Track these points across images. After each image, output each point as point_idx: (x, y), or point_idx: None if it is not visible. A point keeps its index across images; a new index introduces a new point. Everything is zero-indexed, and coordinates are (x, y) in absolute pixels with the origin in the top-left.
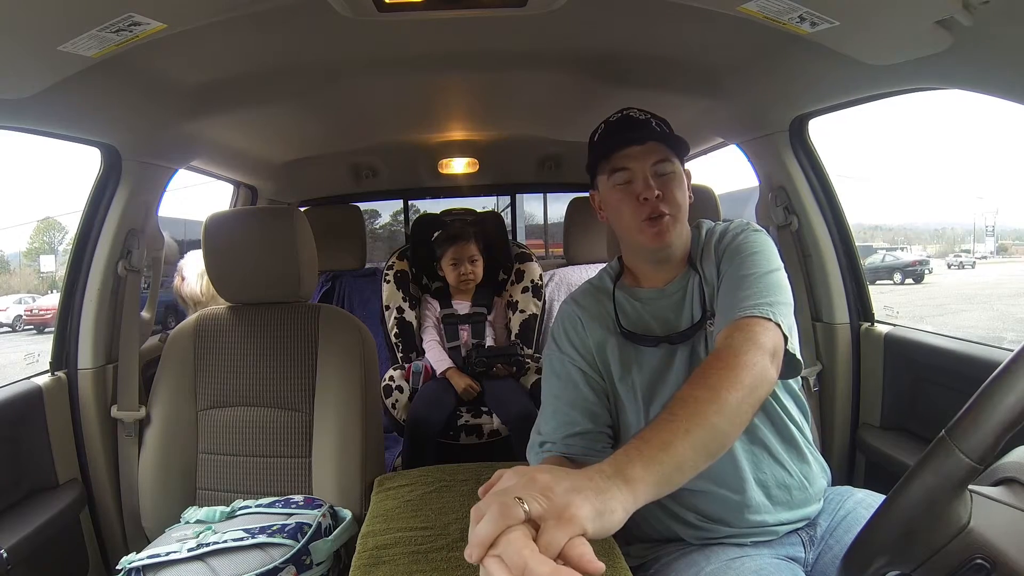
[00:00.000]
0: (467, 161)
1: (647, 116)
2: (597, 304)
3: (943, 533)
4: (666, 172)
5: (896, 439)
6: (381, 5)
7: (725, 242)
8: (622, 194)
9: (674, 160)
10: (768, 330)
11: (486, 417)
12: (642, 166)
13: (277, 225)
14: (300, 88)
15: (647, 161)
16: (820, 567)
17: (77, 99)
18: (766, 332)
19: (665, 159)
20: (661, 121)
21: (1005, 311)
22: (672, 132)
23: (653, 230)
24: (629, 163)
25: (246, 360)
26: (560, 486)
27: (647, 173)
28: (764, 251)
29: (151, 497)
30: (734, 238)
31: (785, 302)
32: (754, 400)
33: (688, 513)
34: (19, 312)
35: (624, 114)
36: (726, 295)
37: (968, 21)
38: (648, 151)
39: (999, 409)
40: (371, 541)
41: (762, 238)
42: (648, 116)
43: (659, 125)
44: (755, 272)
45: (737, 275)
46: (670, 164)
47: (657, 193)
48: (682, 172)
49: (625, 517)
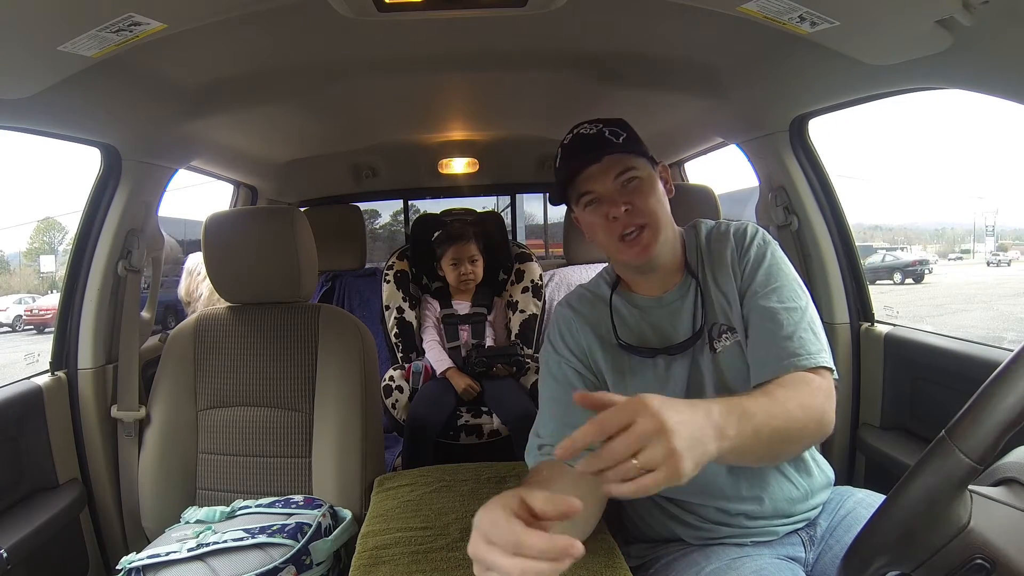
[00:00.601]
0: (467, 161)
1: (598, 128)
2: (593, 311)
3: (943, 533)
4: (631, 181)
5: (896, 439)
6: (381, 5)
7: (752, 258)
8: (593, 216)
9: (637, 165)
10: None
11: (486, 417)
12: (604, 184)
13: (277, 225)
14: (300, 88)
15: (607, 177)
16: (820, 567)
17: (77, 99)
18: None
19: (626, 168)
20: (614, 126)
21: (1005, 311)
22: (630, 134)
23: (633, 248)
24: (591, 185)
25: (246, 360)
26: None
27: (611, 190)
28: (793, 272)
29: (151, 497)
30: (761, 256)
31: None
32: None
33: (687, 514)
34: (19, 312)
35: (575, 133)
36: (772, 329)
37: (968, 21)
38: (606, 167)
39: (999, 409)
40: (371, 541)
41: (782, 254)
42: (599, 127)
43: (613, 133)
44: (798, 305)
45: (781, 308)
46: (634, 171)
47: (625, 208)
48: (651, 173)
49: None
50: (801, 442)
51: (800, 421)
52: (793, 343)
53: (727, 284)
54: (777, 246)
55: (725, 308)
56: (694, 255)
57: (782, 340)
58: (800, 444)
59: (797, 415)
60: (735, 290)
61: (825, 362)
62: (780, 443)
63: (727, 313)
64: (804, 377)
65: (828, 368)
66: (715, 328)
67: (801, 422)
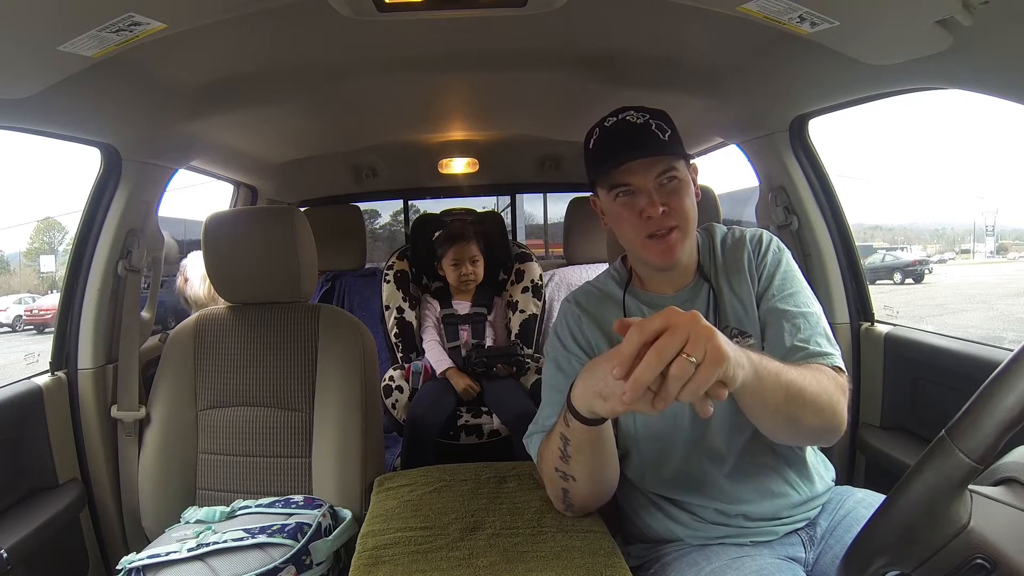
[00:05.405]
0: (467, 161)
1: (645, 118)
2: (600, 308)
3: (943, 533)
4: (671, 181)
5: (896, 439)
6: (381, 5)
7: (769, 263)
8: (624, 208)
9: (679, 164)
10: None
11: (486, 417)
12: (644, 181)
13: (277, 225)
14: (300, 88)
15: (650, 174)
16: (820, 567)
17: (77, 99)
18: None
19: (669, 168)
20: (661, 120)
21: (1005, 311)
22: (674, 132)
23: (660, 247)
24: (630, 179)
25: (246, 360)
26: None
27: (650, 187)
28: (804, 280)
29: (151, 497)
30: (777, 262)
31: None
32: (818, 422)
33: (686, 515)
34: (19, 312)
35: (620, 118)
36: (791, 331)
37: (968, 21)
38: (651, 164)
39: (999, 409)
40: (371, 541)
41: (794, 262)
42: (647, 118)
43: (659, 128)
44: (813, 311)
45: (798, 312)
46: (675, 171)
47: (663, 209)
48: (688, 176)
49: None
50: (817, 415)
51: (815, 393)
52: (810, 346)
53: (743, 288)
54: (790, 254)
55: (740, 313)
56: (708, 258)
57: (800, 341)
58: (814, 417)
59: (814, 387)
60: (751, 294)
61: (840, 365)
62: (797, 403)
63: (741, 318)
64: (822, 367)
65: (843, 370)
66: (727, 332)
67: (816, 394)
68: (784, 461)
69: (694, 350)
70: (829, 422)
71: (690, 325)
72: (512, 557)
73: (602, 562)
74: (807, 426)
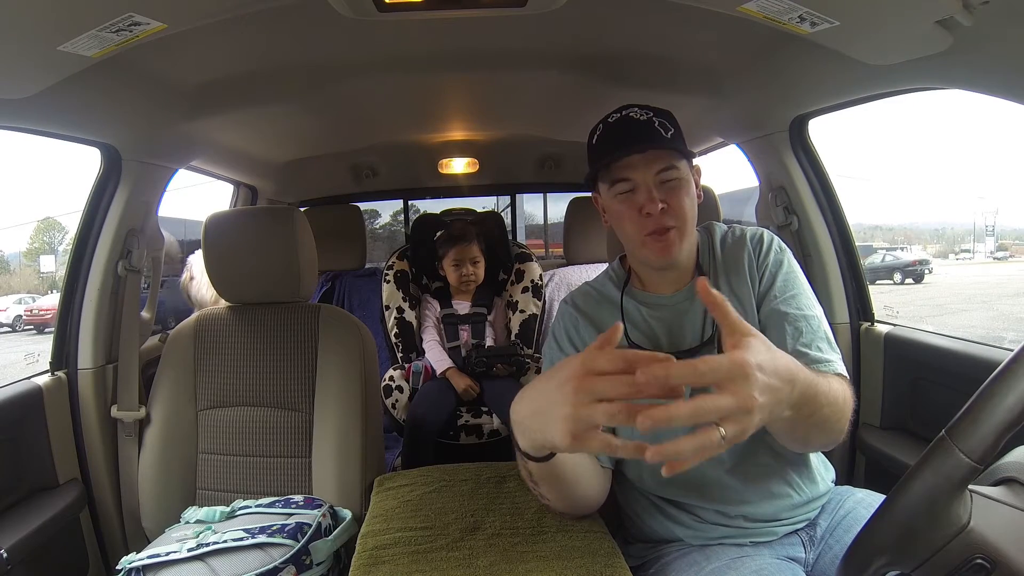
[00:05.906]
0: (467, 161)
1: (648, 115)
2: (598, 310)
3: (943, 533)
4: (671, 179)
5: (896, 439)
6: (381, 5)
7: (770, 264)
8: (623, 205)
9: (680, 163)
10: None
11: (486, 417)
12: (644, 176)
13: (277, 225)
14: (300, 88)
15: (650, 170)
16: (820, 567)
17: (77, 99)
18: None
19: (670, 165)
20: (664, 118)
21: (1005, 311)
22: (678, 131)
23: (658, 245)
24: (630, 173)
25: (246, 360)
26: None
27: (650, 184)
28: (806, 281)
29: (151, 497)
30: (779, 263)
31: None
32: (831, 435)
33: (686, 515)
34: (19, 312)
35: (624, 115)
36: (793, 335)
37: (968, 21)
38: (651, 159)
39: (999, 409)
40: (371, 541)
41: (796, 263)
42: (650, 115)
43: (662, 125)
44: (814, 314)
45: (800, 315)
46: (676, 170)
47: (662, 206)
48: (689, 175)
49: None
50: (829, 434)
51: (835, 414)
52: (811, 351)
53: (743, 289)
54: (791, 254)
55: (739, 314)
56: (707, 257)
57: (802, 346)
58: (827, 436)
59: (834, 408)
60: (751, 296)
61: (843, 371)
62: (817, 428)
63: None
64: (838, 378)
65: (846, 377)
66: None
67: (834, 414)
68: (785, 462)
69: (731, 424)
70: (837, 437)
71: (743, 412)
72: (512, 557)
73: (602, 562)
74: (818, 443)
